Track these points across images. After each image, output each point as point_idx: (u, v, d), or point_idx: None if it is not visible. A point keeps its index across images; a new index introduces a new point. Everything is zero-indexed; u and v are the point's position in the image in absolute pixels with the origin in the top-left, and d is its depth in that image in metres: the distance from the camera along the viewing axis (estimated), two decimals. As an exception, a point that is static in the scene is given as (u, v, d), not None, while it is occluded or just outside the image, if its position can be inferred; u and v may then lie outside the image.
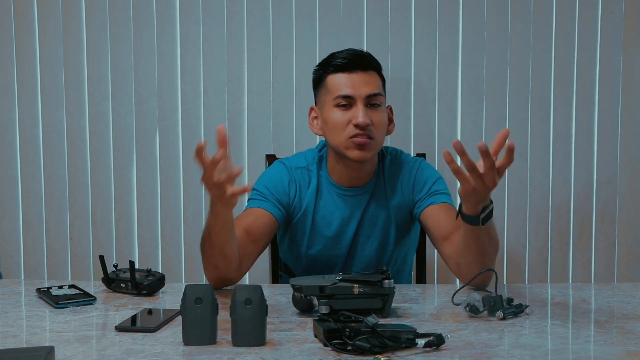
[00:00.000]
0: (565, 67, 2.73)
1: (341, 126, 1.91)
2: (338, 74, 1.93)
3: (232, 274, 1.82)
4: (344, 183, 2.01)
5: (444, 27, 2.72)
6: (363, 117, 1.88)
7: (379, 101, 1.93)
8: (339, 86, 1.92)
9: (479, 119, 2.74)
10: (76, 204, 2.80)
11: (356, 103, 1.90)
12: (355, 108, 1.90)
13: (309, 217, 2.01)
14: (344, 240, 2.01)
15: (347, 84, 1.92)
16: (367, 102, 1.91)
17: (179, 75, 2.76)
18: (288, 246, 2.07)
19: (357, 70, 1.92)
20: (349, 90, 1.91)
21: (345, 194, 2.00)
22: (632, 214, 2.78)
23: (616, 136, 2.76)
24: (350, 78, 1.92)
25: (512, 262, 2.79)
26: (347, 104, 1.91)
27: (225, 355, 1.31)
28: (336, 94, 1.92)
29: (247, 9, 2.72)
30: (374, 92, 1.92)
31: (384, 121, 1.95)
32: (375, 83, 1.93)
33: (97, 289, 1.83)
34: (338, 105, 1.92)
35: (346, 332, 1.32)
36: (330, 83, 1.94)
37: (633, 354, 1.32)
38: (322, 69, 1.97)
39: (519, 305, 1.57)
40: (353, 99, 1.91)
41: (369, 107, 1.91)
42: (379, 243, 2.02)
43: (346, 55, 1.94)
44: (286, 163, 2.05)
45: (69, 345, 1.38)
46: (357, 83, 1.91)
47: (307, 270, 2.03)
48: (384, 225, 2.01)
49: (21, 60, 2.77)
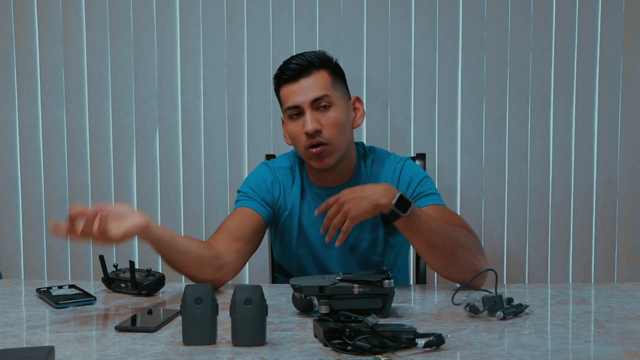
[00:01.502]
0: (565, 67, 2.73)
1: (298, 137, 1.92)
2: (286, 86, 1.94)
3: (217, 274, 1.82)
4: (322, 184, 2.01)
5: (444, 27, 2.72)
6: (309, 124, 1.88)
7: (327, 101, 1.91)
8: (288, 98, 1.93)
9: (479, 119, 2.74)
10: (76, 204, 2.80)
11: (304, 111, 1.91)
12: (304, 116, 1.91)
13: (295, 217, 2.01)
14: (332, 241, 2.00)
15: (294, 93, 1.92)
16: (316, 106, 1.91)
17: (179, 75, 2.76)
18: (279, 247, 2.07)
19: (301, 78, 1.92)
20: (295, 99, 1.91)
21: (325, 194, 1.98)
22: (632, 214, 2.78)
23: (616, 136, 2.76)
24: (296, 87, 1.92)
25: (512, 262, 2.79)
26: (298, 113, 1.92)
27: (225, 355, 1.31)
28: (286, 106, 1.94)
29: (247, 9, 2.72)
30: (318, 95, 1.90)
31: (338, 120, 1.92)
32: (320, 84, 1.92)
33: (97, 289, 1.83)
34: (291, 116, 1.93)
35: (346, 332, 1.32)
36: (282, 96, 1.96)
37: (633, 354, 1.32)
38: (275, 83, 1.99)
39: (519, 305, 1.57)
40: (300, 107, 1.91)
41: (319, 110, 1.91)
42: (369, 242, 2.00)
43: (291, 66, 1.93)
44: (269, 164, 2.07)
45: (69, 345, 1.38)
46: (302, 90, 1.91)
47: (299, 270, 2.03)
48: (372, 225, 1.99)
49: (21, 60, 2.77)
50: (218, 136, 2.76)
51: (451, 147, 2.75)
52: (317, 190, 2.01)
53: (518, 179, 2.76)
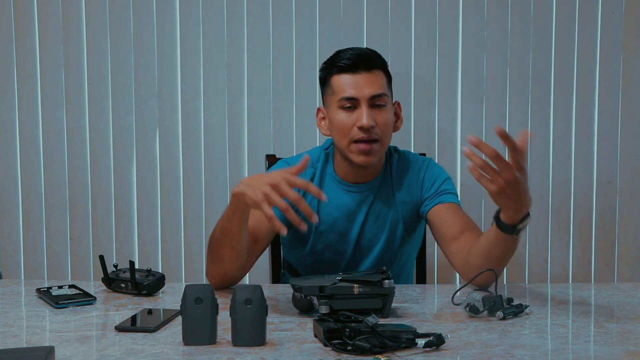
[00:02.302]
0: (565, 67, 2.73)
1: (346, 129, 1.91)
2: (342, 75, 1.93)
3: (237, 271, 1.82)
4: (349, 180, 2.01)
5: (444, 27, 2.72)
6: (367, 120, 1.88)
7: (384, 101, 1.92)
8: (343, 87, 1.92)
9: (479, 119, 2.74)
10: (76, 204, 2.80)
11: (360, 104, 1.90)
12: (359, 110, 1.90)
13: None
14: (350, 235, 2.01)
15: (351, 85, 1.91)
16: (372, 103, 1.91)
17: (179, 75, 2.76)
18: (292, 244, 2.07)
19: (361, 71, 1.91)
20: (353, 91, 1.91)
21: (351, 189, 2.00)
22: (632, 214, 2.78)
23: (616, 136, 2.76)
24: (354, 79, 1.91)
25: (512, 262, 2.77)
26: (351, 105, 1.91)
27: (225, 355, 1.31)
28: (340, 96, 1.92)
29: (247, 9, 2.72)
30: (377, 92, 1.91)
31: (389, 121, 1.94)
32: (379, 83, 1.92)
33: (97, 289, 1.83)
34: (342, 107, 1.92)
35: (346, 332, 1.32)
36: (334, 84, 1.94)
37: (633, 354, 1.32)
38: (327, 70, 1.97)
39: (519, 305, 1.57)
40: (357, 100, 1.90)
41: (374, 108, 1.91)
42: (385, 240, 2.01)
43: (350, 56, 1.93)
44: (289, 161, 2.05)
45: (69, 345, 1.38)
46: (360, 84, 1.91)
47: (312, 267, 2.03)
48: (392, 223, 2.01)
49: (21, 60, 2.77)
50: (218, 136, 2.76)
51: (451, 147, 2.75)
52: (343, 186, 2.01)
53: (518, 179, 2.75)
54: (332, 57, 1.98)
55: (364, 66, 1.92)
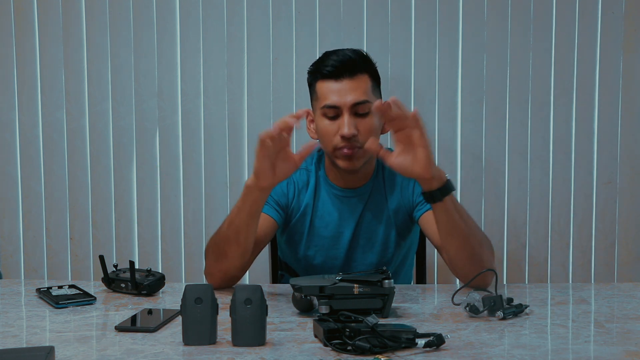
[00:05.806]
0: (565, 67, 2.73)
1: (329, 136, 1.91)
2: (325, 82, 1.91)
3: (239, 269, 1.82)
4: (340, 184, 2.00)
5: (444, 27, 2.72)
6: (348, 129, 1.87)
7: (367, 108, 1.89)
8: (326, 95, 1.90)
9: (479, 119, 2.74)
10: (76, 204, 2.80)
11: (342, 112, 1.89)
12: (341, 118, 1.89)
13: (307, 217, 2.01)
14: (341, 241, 2.01)
15: (334, 92, 1.89)
16: (354, 111, 1.89)
17: (179, 75, 2.76)
18: (287, 246, 2.07)
19: (344, 77, 1.89)
20: (335, 99, 1.89)
21: (342, 194, 2.00)
22: (632, 214, 2.78)
23: (616, 136, 2.75)
24: (337, 86, 1.89)
25: (512, 262, 2.79)
26: (333, 114, 1.90)
27: (225, 355, 1.31)
28: (323, 103, 1.91)
29: (247, 9, 2.72)
30: (360, 100, 1.88)
31: (373, 127, 1.91)
32: (363, 89, 1.90)
33: (97, 289, 1.83)
34: (325, 115, 1.91)
35: (346, 332, 1.32)
36: (318, 90, 1.93)
37: (633, 354, 1.32)
38: (312, 74, 1.96)
39: (519, 305, 1.57)
40: (339, 108, 1.89)
41: (356, 116, 1.89)
42: (380, 245, 2.01)
43: (333, 62, 1.90)
44: None
45: (69, 345, 1.38)
46: (343, 91, 1.88)
47: (305, 270, 2.03)
48: (385, 228, 2.01)
49: (21, 60, 2.77)
50: (218, 136, 2.76)
51: (452, 147, 2.75)
52: (335, 191, 2.01)
53: (518, 179, 2.76)
54: (318, 61, 1.96)
55: (347, 72, 1.89)
